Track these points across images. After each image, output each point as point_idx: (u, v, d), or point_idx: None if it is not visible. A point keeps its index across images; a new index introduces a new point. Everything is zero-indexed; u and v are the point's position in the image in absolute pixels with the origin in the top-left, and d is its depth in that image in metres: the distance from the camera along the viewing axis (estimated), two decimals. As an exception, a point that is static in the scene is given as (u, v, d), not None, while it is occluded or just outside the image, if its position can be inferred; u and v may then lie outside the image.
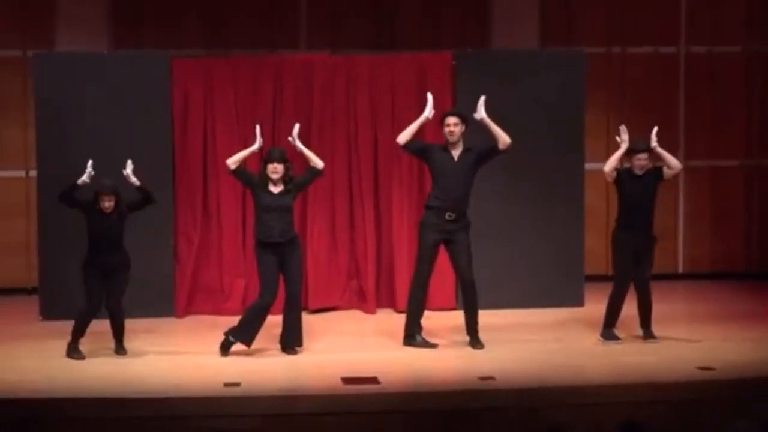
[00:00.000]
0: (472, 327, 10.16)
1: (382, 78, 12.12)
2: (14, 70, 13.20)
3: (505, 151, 10.15)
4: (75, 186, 9.82)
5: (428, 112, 10.15)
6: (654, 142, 10.19)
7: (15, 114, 13.23)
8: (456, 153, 10.11)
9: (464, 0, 13.64)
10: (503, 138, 10.07)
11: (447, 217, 10.04)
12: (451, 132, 10.06)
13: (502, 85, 11.86)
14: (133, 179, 9.93)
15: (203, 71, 11.98)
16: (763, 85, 14.03)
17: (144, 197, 9.94)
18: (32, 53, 12.29)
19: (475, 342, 10.11)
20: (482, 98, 10.13)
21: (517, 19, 13.65)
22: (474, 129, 10.26)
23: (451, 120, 10.09)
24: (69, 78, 11.60)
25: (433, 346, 10.13)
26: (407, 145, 10.17)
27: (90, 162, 9.87)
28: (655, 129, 10.23)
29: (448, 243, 10.12)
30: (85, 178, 9.81)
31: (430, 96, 10.23)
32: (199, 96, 11.94)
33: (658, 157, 10.36)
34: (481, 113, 10.08)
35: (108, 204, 9.73)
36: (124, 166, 9.96)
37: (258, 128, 10.17)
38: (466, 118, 10.12)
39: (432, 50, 12.81)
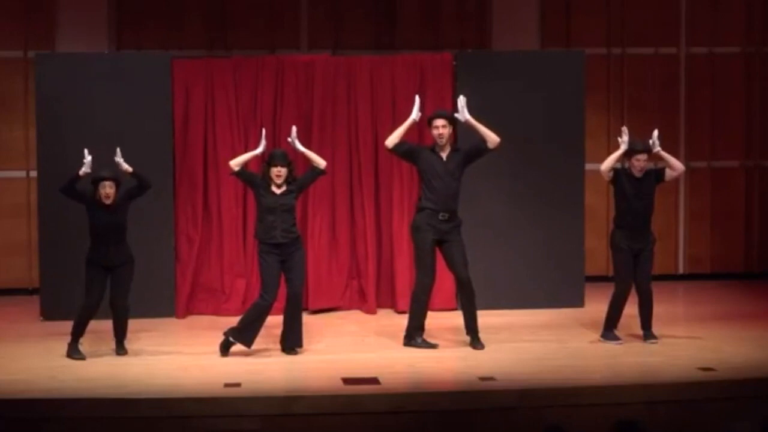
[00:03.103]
0: (471, 327, 10.16)
1: (383, 78, 12.13)
2: (16, 70, 13.24)
3: (494, 150, 10.13)
4: (77, 177, 9.76)
5: (415, 114, 10.12)
6: (657, 147, 10.15)
7: (16, 114, 13.27)
8: (444, 154, 10.09)
9: (464, 1, 13.65)
10: (491, 137, 10.05)
11: (440, 218, 10.03)
12: (440, 134, 10.05)
13: (502, 85, 11.89)
14: (125, 166, 9.88)
15: (204, 72, 11.99)
16: (763, 85, 14.04)
17: (138, 183, 9.90)
18: (34, 53, 12.31)
19: (476, 342, 10.12)
20: (462, 99, 10.10)
21: (517, 20, 13.67)
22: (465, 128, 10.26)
23: (440, 122, 10.06)
24: (70, 78, 11.61)
25: (434, 346, 10.14)
26: (395, 149, 10.14)
27: (86, 150, 9.79)
28: (656, 132, 10.20)
29: (442, 243, 10.10)
30: (85, 168, 9.75)
31: (417, 98, 10.23)
32: (200, 96, 11.95)
33: (659, 158, 10.35)
34: (464, 115, 10.05)
35: (108, 191, 9.69)
36: (120, 162, 9.94)
37: (264, 131, 10.18)
38: (454, 119, 10.11)
39: (432, 51, 12.83)
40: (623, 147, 10.10)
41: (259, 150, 10.05)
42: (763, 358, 9.50)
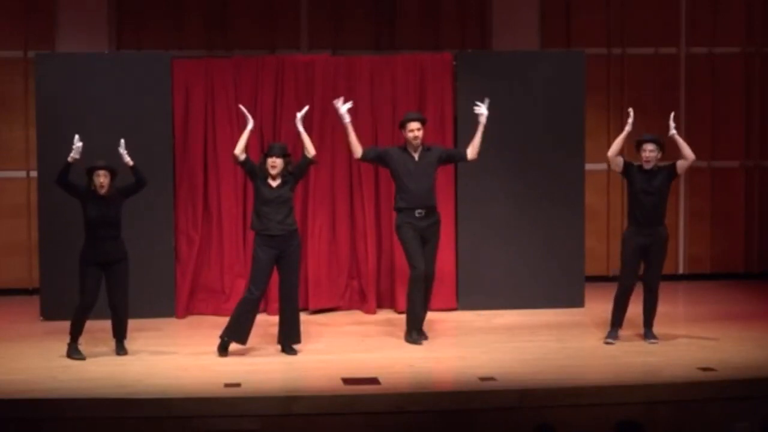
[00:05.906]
0: (422, 320, 10.33)
1: (383, 78, 12.13)
2: (16, 70, 13.24)
3: (471, 162, 10.42)
4: (67, 164, 9.71)
5: (344, 116, 10.24)
6: (672, 130, 10.16)
7: (16, 114, 13.26)
8: (416, 153, 10.26)
9: (464, 1, 13.65)
10: (476, 151, 10.33)
11: (417, 215, 10.18)
12: (416, 137, 10.24)
13: (502, 85, 11.89)
14: (127, 158, 9.83)
15: (204, 72, 11.99)
16: (763, 85, 14.04)
17: (136, 179, 9.85)
18: (34, 53, 12.30)
19: (423, 336, 10.25)
20: (486, 101, 10.34)
21: (517, 20, 13.67)
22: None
23: (415, 125, 10.26)
24: (70, 78, 11.61)
25: (417, 342, 10.19)
26: (364, 156, 10.34)
27: (76, 136, 9.76)
28: (672, 114, 10.22)
29: (423, 242, 10.20)
30: (74, 154, 9.69)
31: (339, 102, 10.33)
32: (200, 96, 11.95)
33: (670, 150, 10.30)
34: (483, 110, 10.28)
35: (103, 180, 9.66)
36: (123, 154, 9.90)
37: (242, 107, 10.25)
38: (426, 121, 10.33)
39: (432, 51, 12.83)
40: (627, 128, 10.12)
41: (250, 125, 10.04)
42: (763, 358, 9.50)
